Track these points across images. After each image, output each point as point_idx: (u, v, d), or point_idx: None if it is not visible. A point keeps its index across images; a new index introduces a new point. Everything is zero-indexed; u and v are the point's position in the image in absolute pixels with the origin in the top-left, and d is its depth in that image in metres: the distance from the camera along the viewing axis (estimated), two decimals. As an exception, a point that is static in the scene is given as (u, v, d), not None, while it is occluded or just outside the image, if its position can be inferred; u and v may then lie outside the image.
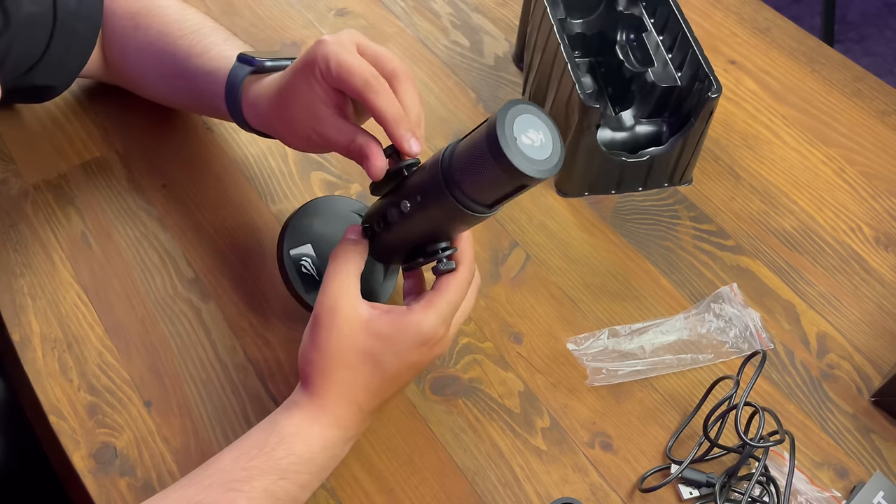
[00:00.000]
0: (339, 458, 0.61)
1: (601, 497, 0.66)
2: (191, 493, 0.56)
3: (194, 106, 0.82)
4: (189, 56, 0.74)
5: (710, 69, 0.79)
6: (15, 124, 0.86)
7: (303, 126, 0.64)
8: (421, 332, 0.58)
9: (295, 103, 0.64)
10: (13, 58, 0.72)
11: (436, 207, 0.56)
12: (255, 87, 0.69)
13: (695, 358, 0.73)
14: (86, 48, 0.79)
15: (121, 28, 0.79)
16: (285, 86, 0.64)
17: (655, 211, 0.83)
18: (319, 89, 0.62)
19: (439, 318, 0.58)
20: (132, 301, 0.75)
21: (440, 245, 0.59)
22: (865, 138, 0.90)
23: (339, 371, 0.59)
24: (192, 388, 0.70)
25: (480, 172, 0.52)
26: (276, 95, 0.66)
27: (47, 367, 0.71)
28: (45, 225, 0.79)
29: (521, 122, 0.51)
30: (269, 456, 0.57)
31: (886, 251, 0.81)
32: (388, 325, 0.58)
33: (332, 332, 0.59)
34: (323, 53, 0.60)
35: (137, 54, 0.79)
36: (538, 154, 0.51)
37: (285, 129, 0.67)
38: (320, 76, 0.61)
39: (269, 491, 0.56)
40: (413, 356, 0.59)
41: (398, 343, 0.58)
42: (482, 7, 1.01)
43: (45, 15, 0.73)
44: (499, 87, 0.93)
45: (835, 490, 0.67)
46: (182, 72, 0.75)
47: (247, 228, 0.80)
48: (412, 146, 0.59)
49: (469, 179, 0.53)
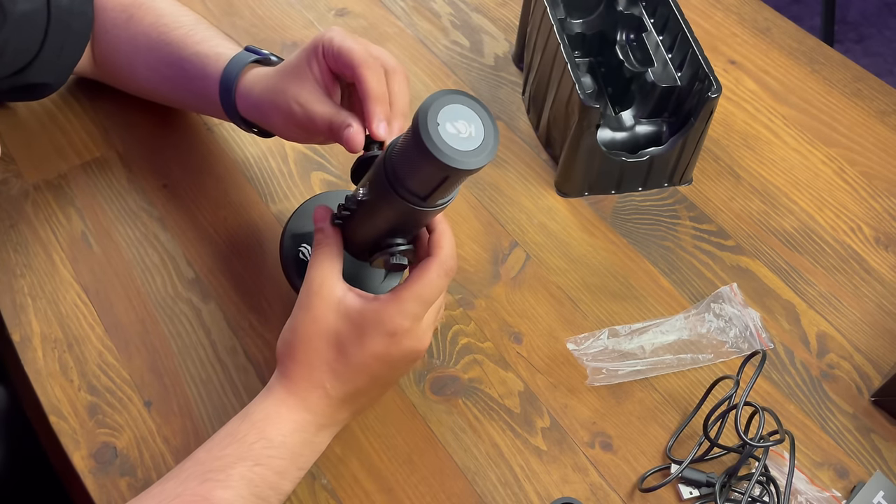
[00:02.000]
0: (315, 444, 0.61)
1: (601, 497, 0.66)
2: (169, 487, 0.56)
3: (182, 96, 0.81)
4: (185, 45, 0.75)
5: (710, 69, 0.79)
6: (15, 124, 0.86)
7: (290, 101, 0.65)
8: (382, 322, 0.57)
9: (290, 79, 0.65)
10: (9, 56, 0.72)
11: (381, 199, 0.56)
12: (251, 75, 0.70)
13: (695, 358, 0.73)
14: (80, 44, 0.79)
15: (112, 21, 0.79)
16: (287, 64, 0.66)
17: (655, 211, 0.84)
18: (317, 68, 0.64)
19: (401, 310, 0.57)
20: (132, 301, 0.75)
21: (396, 240, 0.59)
22: (865, 138, 0.90)
23: (306, 353, 0.59)
24: (192, 388, 0.70)
25: (410, 163, 0.52)
26: (274, 74, 0.68)
27: (47, 367, 0.71)
28: (45, 225, 0.79)
29: (449, 112, 0.50)
30: (241, 443, 0.57)
31: (886, 251, 0.81)
32: (355, 311, 0.58)
33: (306, 312, 0.59)
34: (328, 35, 0.64)
35: (129, 45, 0.79)
36: (464, 144, 0.50)
37: (272, 107, 0.67)
38: (321, 55, 0.64)
39: (245, 478, 0.56)
40: (377, 346, 0.58)
41: (362, 329, 0.58)
42: (482, 7, 1.01)
43: (39, 11, 0.74)
44: (499, 87, 0.93)
45: (835, 490, 0.67)
46: (175, 60, 0.75)
47: (247, 228, 0.80)
48: (380, 127, 0.61)
49: (403, 170, 0.53)
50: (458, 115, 0.51)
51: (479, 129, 0.51)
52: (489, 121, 0.52)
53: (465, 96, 0.51)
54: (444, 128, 0.50)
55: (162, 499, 0.56)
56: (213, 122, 0.88)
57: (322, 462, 0.67)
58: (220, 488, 0.55)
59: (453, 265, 0.59)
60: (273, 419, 0.59)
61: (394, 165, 0.54)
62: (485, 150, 0.51)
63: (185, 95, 0.80)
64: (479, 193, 0.84)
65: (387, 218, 0.57)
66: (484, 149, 0.51)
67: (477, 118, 0.51)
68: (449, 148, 0.50)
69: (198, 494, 0.55)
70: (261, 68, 0.71)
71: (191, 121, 0.88)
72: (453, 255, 0.59)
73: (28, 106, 0.87)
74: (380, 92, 0.62)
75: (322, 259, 0.60)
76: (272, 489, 0.58)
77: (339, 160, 0.85)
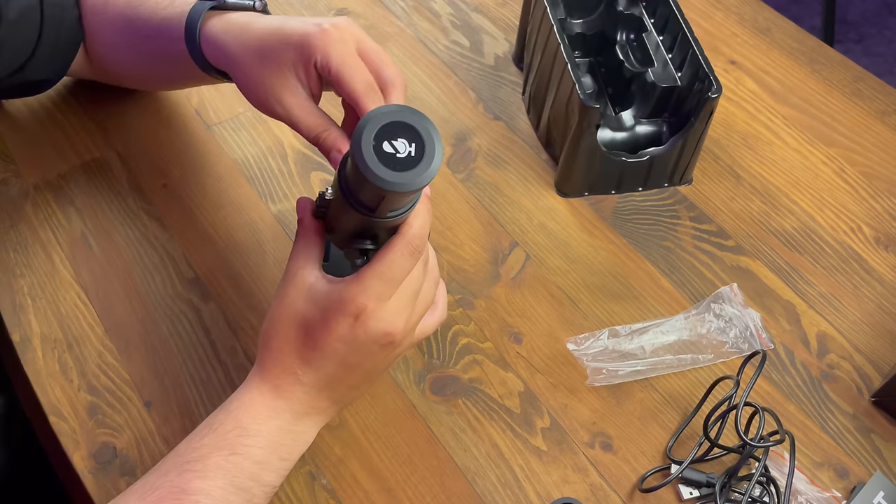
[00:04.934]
0: (296, 434, 0.60)
1: (601, 497, 0.66)
2: (150, 480, 0.56)
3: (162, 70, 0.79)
4: (154, 14, 0.73)
5: (710, 69, 0.79)
6: (15, 124, 0.86)
7: (271, 96, 0.64)
8: (343, 302, 0.56)
9: (274, 73, 0.63)
10: (6, 56, 0.72)
11: (340, 203, 0.55)
12: (214, 22, 0.68)
13: (695, 358, 0.73)
14: (74, 38, 0.79)
15: (91, 9, 0.78)
16: (268, 50, 0.64)
17: (655, 211, 0.83)
18: (304, 74, 0.62)
19: (363, 289, 0.56)
20: (132, 301, 0.75)
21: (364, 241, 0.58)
22: (865, 138, 0.90)
23: (277, 340, 0.59)
24: (192, 388, 0.70)
25: (355, 178, 0.51)
26: (253, 52, 0.65)
27: (47, 367, 0.71)
28: (45, 225, 0.79)
29: (388, 129, 0.49)
30: (216, 432, 0.57)
31: (886, 251, 0.81)
32: (321, 293, 0.57)
33: (280, 301, 0.59)
34: (325, 48, 0.61)
35: (109, 30, 0.78)
36: (401, 164, 0.49)
37: (249, 88, 0.66)
38: (313, 67, 0.62)
39: (221, 468, 0.56)
40: (341, 328, 0.57)
41: (326, 312, 0.57)
42: (482, 7, 1.01)
43: (32, 9, 0.74)
44: (499, 87, 0.93)
45: (835, 490, 0.67)
46: (150, 32, 0.74)
47: (247, 228, 0.80)
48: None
49: (352, 183, 0.52)
50: (399, 133, 0.49)
51: (419, 147, 0.49)
52: (432, 139, 0.50)
53: (409, 112, 0.50)
54: (379, 147, 0.48)
55: (143, 492, 0.55)
56: (212, 121, 0.88)
57: (322, 462, 0.67)
58: (198, 479, 0.55)
59: (420, 244, 0.57)
60: (248, 407, 0.58)
61: (346, 176, 0.53)
62: (422, 171, 0.49)
63: (164, 67, 0.77)
64: (479, 193, 0.84)
65: (349, 220, 0.57)
66: (421, 170, 0.49)
67: (419, 136, 0.49)
68: (381, 169, 0.48)
69: (176, 486, 0.55)
70: (222, 18, 0.68)
71: (191, 121, 0.88)
72: (422, 235, 0.57)
73: (28, 106, 0.87)
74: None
75: (299, 249, 0.60)
76: (252, 480, 0.57)
77: (339, 160, 0.85)
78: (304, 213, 0.62)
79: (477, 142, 0.88)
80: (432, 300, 0.63)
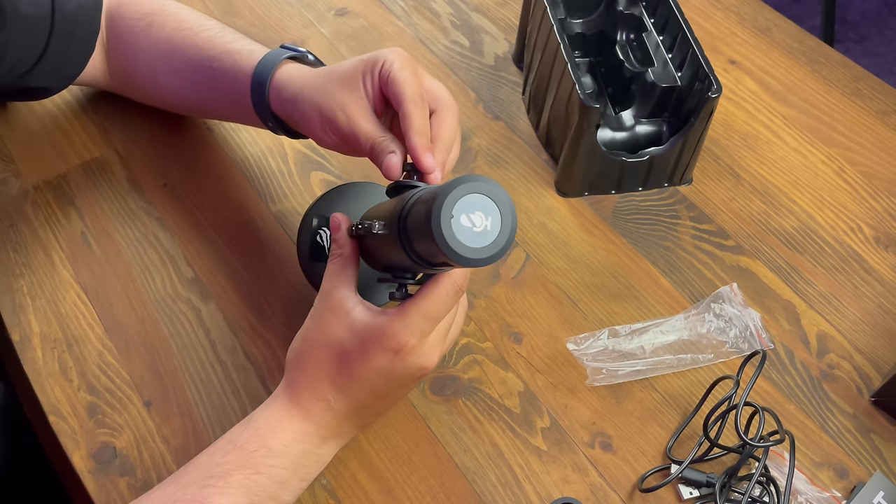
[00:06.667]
0: (318, 456, 0.60)
1: (601, 497, 0.66)
2: (170, 491, 0.56)
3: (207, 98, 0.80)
4: (213, 45, 0.75)
5: (710, 69, 0.79)
6: (15, 124, 0.86)
7: (335, 103, 0.64)
8: (386, 337, 0.56)
9: (341, 85, 0.65)
10: (10, 59, 0.72)
11: (392, 242, 0.54)
12: (288, 69, 0.70)
13: (695, 358, 0.73)
14: (83, 54, 0.79)
15: (130, 28, 0.79)
16: (339, 69, 0.66)
17: (655, 211, 0.83)
18: (370, 85, 0.64)
19: (406, 325, 0.56)
20: (132, 301, 0.75)
21: (405, 274, 0.58)
22: (865, 138, 0.90)
23: (311, 363, 0.59)
24: (192, 388, 0.70)
25: (420, 233, 0.51)
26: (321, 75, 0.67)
27: (47, 367, 0.71)
28: (45, 225, 0.79)
29: (468, 201, 0.48)
30: (241, 450, 0.57)
31: (886, 251, 0.81)
32: (361, 325, 0.58)
33: (316, 323, 0.59)
34: (391, 56, 0.64)
35: (150, 52, 0.78)
36: (475, 240, 0.48)
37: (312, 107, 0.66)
38: (377, 74, 0.64)
39: (244, 486, 0.56)
40: (380, 361, 0.57)
41: (365, 343, 0.57)
42: (482, 7, 1.01)
43: (43, 17, 0.73)
44: (499, 87, 0.93)
45: (835, 490, 0.67)
46: (202, 60, 0.75)
47: (247, 228, 0.80)
48: (428, 160, 0.61)
49: (413, 233, 0.52)
50: (477, 206, 0.49)
51: (495, 223, 0.49)
52: (509, 215, 0.49)
53: (490, 185, 0.49)
54: (457, 220, 0.48)
55: (163, 502, 0.56)
56: (213, 121, 0.88)
57: (322, 462, 0.67)
58: (219, 495, 0.55)
59: (465, 284, 0.58)
60: (275, 428, 0.58)
61: (407, 224, 0.52)
62: (494, 249, 0.49)
63: (212, 97, 0.78)
64: (479, 193, 0.84)
65: (393, 256, 0.57)
66: (493, 248, 0.49)
67: (497, 211, 0.49)
68: (455, 242, 0.48)
69: (196, 500, 0.55)
70: (298, 65, 0.71)
71: (191, 121, 0.88)
72: (467, 275, 0.58)
73: (28, 106, 0.87)
74: (421, 127, 0.61)
75: (336, 270, 0.60)
76: (271, 498, 0.58)
77: (339, 160, 0.85)
78: (338, 231, 0.62)
79: (477, 142, 0.88)
80: (461, 329, 0.64)
